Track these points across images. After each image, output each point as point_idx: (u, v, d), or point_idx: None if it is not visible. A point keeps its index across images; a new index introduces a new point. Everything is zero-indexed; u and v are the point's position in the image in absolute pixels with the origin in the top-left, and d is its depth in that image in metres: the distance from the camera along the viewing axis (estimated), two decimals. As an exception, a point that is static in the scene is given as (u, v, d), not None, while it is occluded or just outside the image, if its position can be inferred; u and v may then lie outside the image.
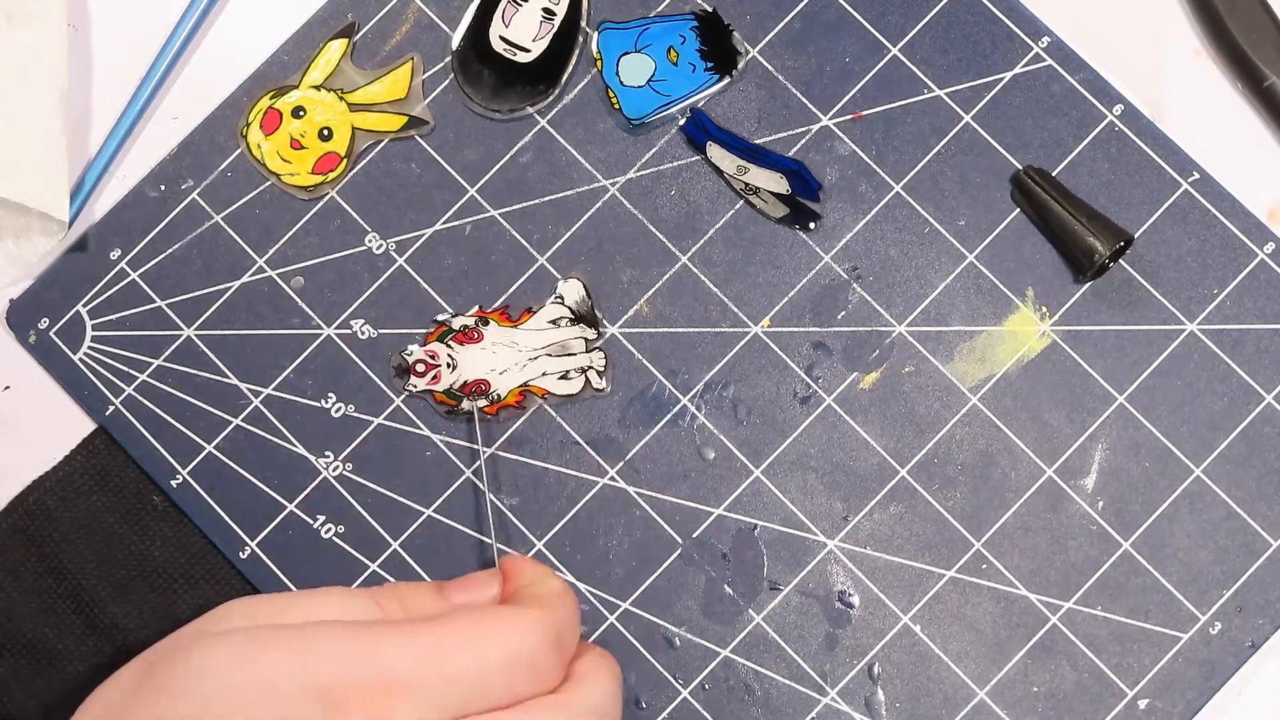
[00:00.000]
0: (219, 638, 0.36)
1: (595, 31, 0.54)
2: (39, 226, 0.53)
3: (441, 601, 0.41)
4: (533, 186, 0.53)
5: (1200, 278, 0.51)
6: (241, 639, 0.36)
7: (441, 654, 0.36)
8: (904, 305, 0.52)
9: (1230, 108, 0.53)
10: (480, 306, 0.52)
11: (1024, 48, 0.53)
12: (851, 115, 0.53)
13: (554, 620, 0.38)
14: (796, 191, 0.52)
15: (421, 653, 0.36)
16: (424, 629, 0.36)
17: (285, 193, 0.54)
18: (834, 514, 0.51)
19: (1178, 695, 0.49)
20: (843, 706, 0.50)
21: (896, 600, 0.50)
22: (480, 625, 0.37)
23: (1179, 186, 0.52)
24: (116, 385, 0.53)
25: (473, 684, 0.36)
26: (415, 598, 0.40)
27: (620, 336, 0.52)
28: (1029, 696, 0.50)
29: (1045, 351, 0.51)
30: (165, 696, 0.35)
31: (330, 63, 0.54)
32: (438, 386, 0.52)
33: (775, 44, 0.54)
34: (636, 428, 0.52)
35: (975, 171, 0.52)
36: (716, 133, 0.53)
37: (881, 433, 0.51)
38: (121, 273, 0.54)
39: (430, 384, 0.52)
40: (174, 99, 0.55)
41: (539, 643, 0.37)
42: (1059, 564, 0.50)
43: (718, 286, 0.52)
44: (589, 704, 0.38)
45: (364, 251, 0.53)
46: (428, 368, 0.52)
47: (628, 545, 0.51)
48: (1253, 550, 0.50)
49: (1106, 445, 0.51)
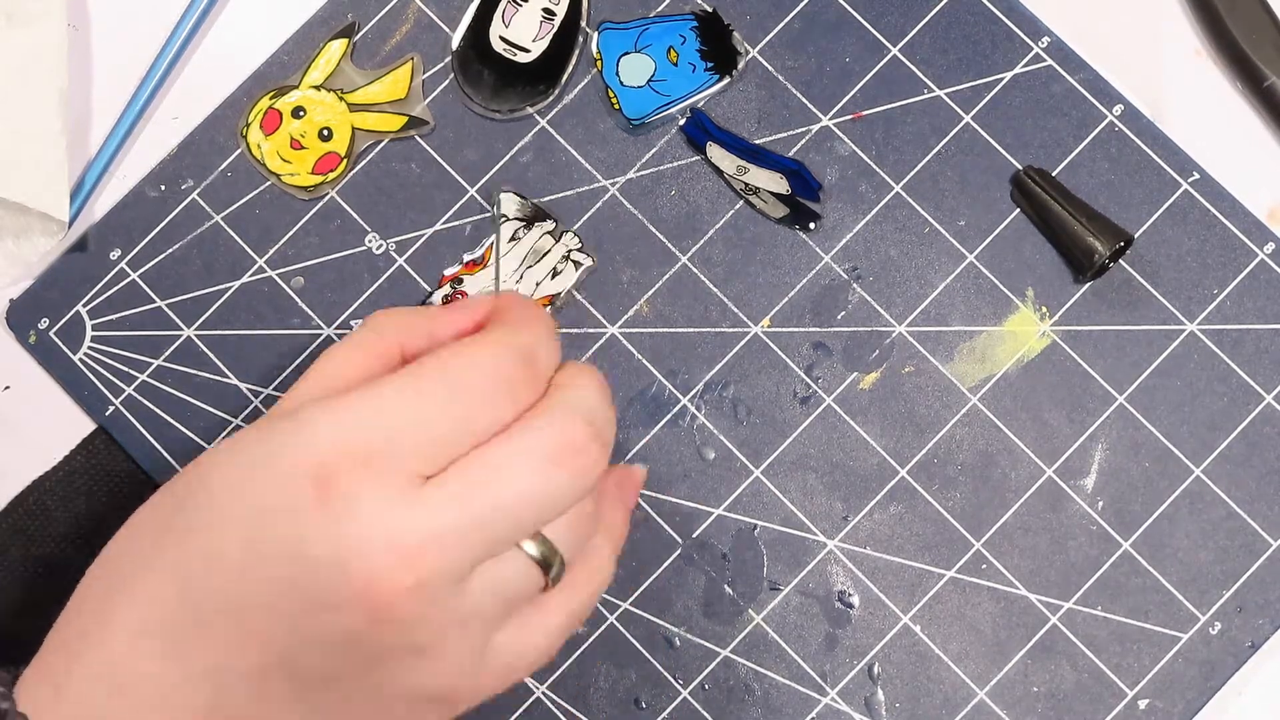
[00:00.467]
0: (224, 441, 0.38)
1: (595, 31, 0.54)
2: (39, 226, 0.53)
3: (430, 332, 0.40)
4: (533, 187, 0.53)
5: (1200, 278, 0.51)
6: (241, 435, 0.37)
7: (418, 406, 0.35)
8: (904, 305, 0.52)
9: (1230, 108, 0.53)
10: (443, 273, 0.53)
11: (1024, 48, 0.53)
12: (851, 115, 0.53)
13: (518, 336, 0.37)
14: (796, 192, 0.52)
15: (396, 413, 0.35)
16: (398, 384, 0.36)
17: (285, 193, 0.54)
18: (834, 514, 0.51)
19: (1178, 695, 0.49)
20: (843, 707, 0.50)
21: (896, 600, 0.50)
22: (447, 365, 0.36)
23: (1179, 186, 0.52)
24: (116, 385, 0.53)
25: (453, 424, 0.35)
26: (409, 334, 0.39)
27: (620, 336, 0.52)
28: (1029, 696, 0.50)
29: (1045, 351, 0.51)
30: (182, 506, 0.36)
31: (330, 63, 0.54)
32: None
33: (775, 44, 0.54)
34: (636, 428, 0.52)
35: (975, 171, 0.52)
36: (716, 133, 0.53)
37: (881, 433, 0.51)
38: (121, 273, 0.54)
39: None
40: (174, 99, 0.55)
41: (508, 360, 0.37)
42: (1059, 564, 0.50)
43: (718, 287, 0.52)
44: (571, 406, 0.36)
45: (364, 252, 0.53)
46: None
47: (628, 545, 0.51)
48: (1253, 550, 0.50)
49: (1106, 445, 0.51)
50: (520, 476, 0.35)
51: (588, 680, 0.50)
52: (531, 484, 0.35)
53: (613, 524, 0.42)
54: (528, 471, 0.35)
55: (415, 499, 0.34)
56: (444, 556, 0.34)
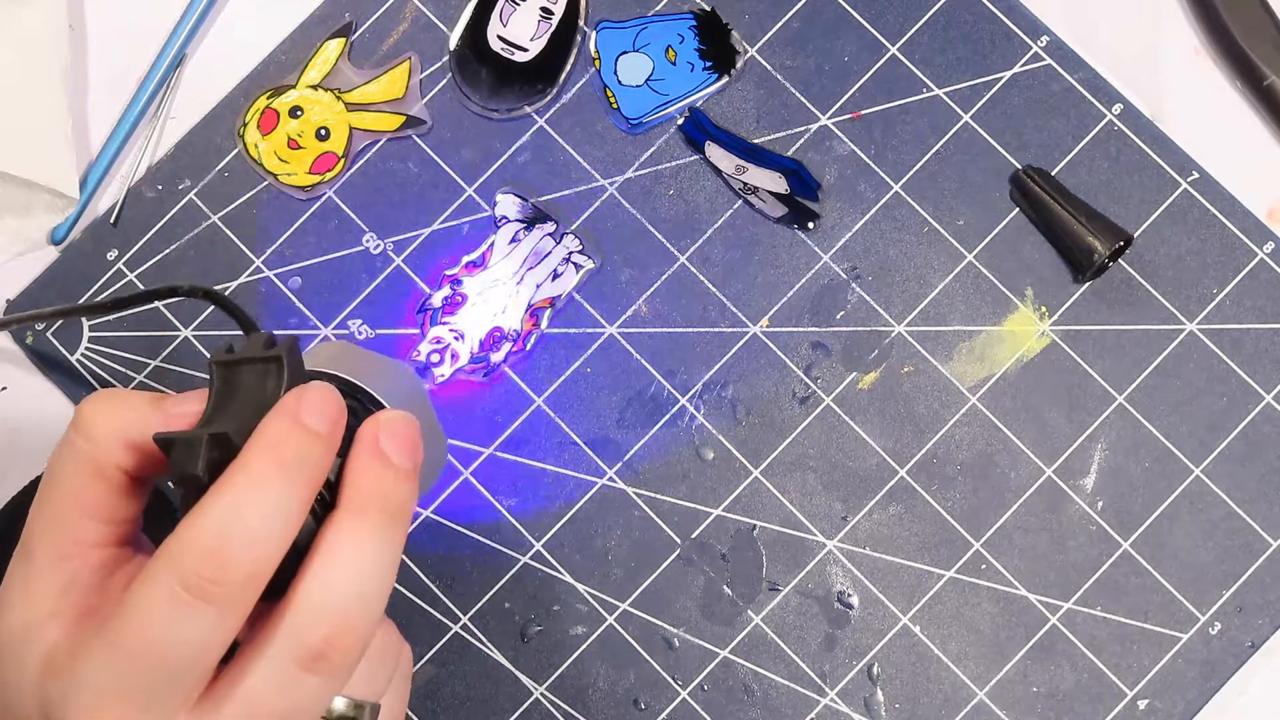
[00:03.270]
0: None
1: (593, 31, 0.54)
2: (44, 203, 0.53)
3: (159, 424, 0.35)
4: (531, 186, 0.53)
5: (1200, 277, 0.51)
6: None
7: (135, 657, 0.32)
8: (903, 305, 0.52)
9: (1230, 107, 0.53)
10: (445, 274, 0.53)
11: (1023, 47, 0.53)
12: (850, 114, 0.53)
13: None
14: (795, 191, 0.52)
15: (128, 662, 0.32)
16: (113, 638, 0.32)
17: (282, 192, 0.54)
18: (833, 514, 0.51)
19: (1178, 695, 0.49)
20: (842, 707, 0.50)
21: (896, 601, 0.50)
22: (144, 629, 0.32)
23: (1178, 186, 0.52)
24: (114, 386, 0.53)
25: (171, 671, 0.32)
26: (128, 433, 0.35)
27: (619, 336, 0.52)
28: (1029, 697, 0.49)
29: (1044, 351, 0.51)
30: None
31: (327, 62, 0.54)
32: (461, 363, 0.52)
33: (774, 43, 0.53)
34: (635, 428, 0.52)
35: (974, 171, 0.52)
36: (715, 132, 0.53)
37: (880, 433, 0.51)
38: (119, 273, 0.53)
39: (454, 365, 0.52)
40: (171, 99, 0.55)
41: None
42: (1059, 564, 0.50)
43: (716, 286, 0.52)
44: (297, 628, 0.32)
45: (361, 251, 0.53)
46: (441, 355, 0.52)
47: (626, 546, 0.51)
48: (1253, 550, 0.50)
49: (1106, 445, 0.51)
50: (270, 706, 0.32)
51: (586, 681, 0.50)
52: (283, 706, 0.32)
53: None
54: (276, 696, 0.32)
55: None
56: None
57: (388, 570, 0.33)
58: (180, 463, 0.32)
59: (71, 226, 0.54)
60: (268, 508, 0.31)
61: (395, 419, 0.34)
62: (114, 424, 0.34)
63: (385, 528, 0.33)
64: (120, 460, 0.34)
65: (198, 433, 0.32)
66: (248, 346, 0.34)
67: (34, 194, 0.53)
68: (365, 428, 0.34)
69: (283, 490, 0.32)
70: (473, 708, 0.50)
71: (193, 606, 0.31)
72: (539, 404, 0.52)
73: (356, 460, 0.34)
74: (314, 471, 0.32)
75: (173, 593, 0.31)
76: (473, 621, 0.51)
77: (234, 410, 0.33)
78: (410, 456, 0.34)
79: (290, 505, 0.32)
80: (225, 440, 0.32)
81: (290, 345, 0.34)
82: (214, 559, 0.31)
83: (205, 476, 0.32)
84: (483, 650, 0.51)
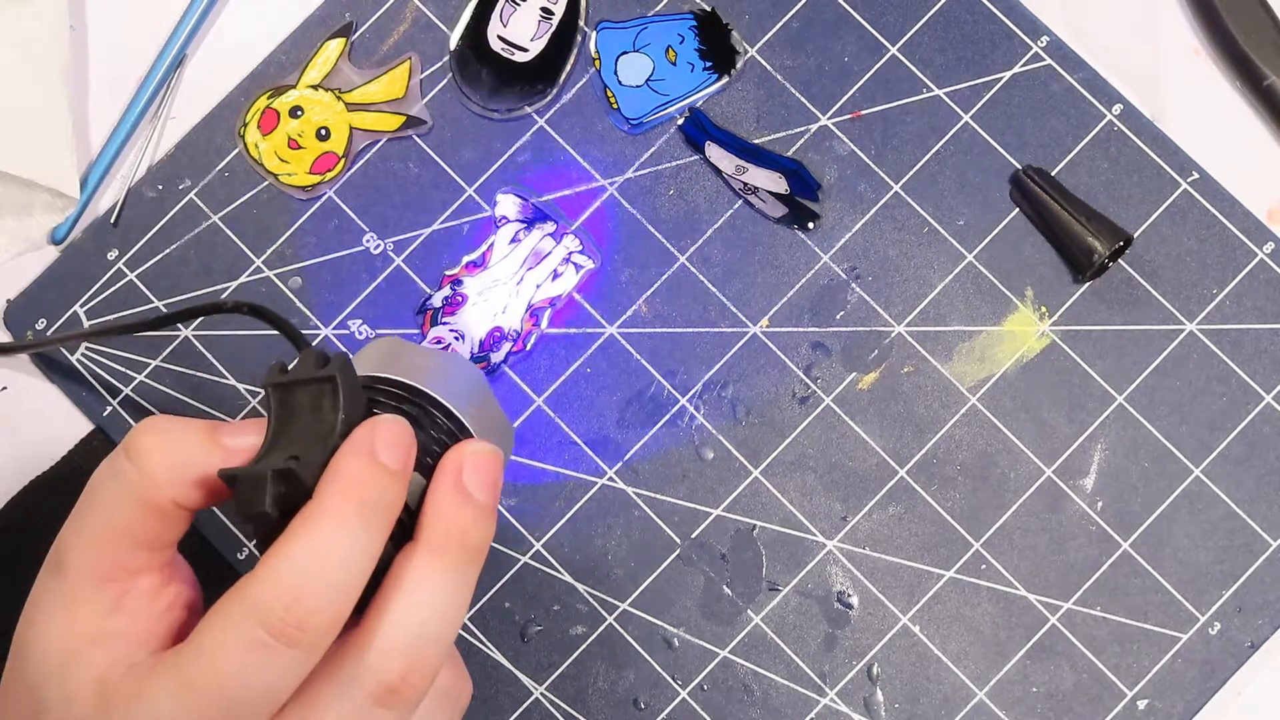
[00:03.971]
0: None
1: (593, 31, 0.54)
2: (44, 203, 0.53)
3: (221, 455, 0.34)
4: (531, 186, 0.53)
5: (1199, 277, 0.51)
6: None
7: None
8: (903, 305, 0.52)
9: (1230, 107, 0.53)
10: (445, 274, 0.53)
11: (1023, 47, 0.53)
12: (850, 115, 0.53)
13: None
14: (795, 191, 0.52)
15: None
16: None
17: (283, 192, 0.54)
18: (833, 514, 0.51)
19: (1177, 696, 0.49)
20: (842, 707, 0.50)
21: (896, 601, 0.50)
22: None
23: (1178, 186, 0.52)
24: (114, 386, 0.53)
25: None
26: (186, 469, 0.34)
27: (619, 336, 0.52)
28: (1028, 697, 0.49)
29: (1044, 351, 0.51)
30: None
31: (328, 62, 0.54)
32: None
33: (774, 43, 0.53)
34: (635, 428, 0.52)
35: (974, 171, 0.52)
36: (715, 132, 0.53)
37: (880, 433, 0.51)
38: (119, 273, 0.53)
39: None
40: (171, 99, 0.55)
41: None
42: (1058, 564, 0.50)
43: (716, 286, 0.52)
44: (366, 664, 0.32)
45: (362, 251, 0.53)
46: None
47: (626, 546, 0.51)
48: (1252, 550, 0.50)
49: (1106, 445, 0.51)
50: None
51: (586, 681, 0.50)
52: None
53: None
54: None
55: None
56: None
57: (462, 608, 0.33)
58: (247, 500, 0.32)
59: (71, 226, 0.54)
60: (349, 550, 0.31)
61: (480, 453, 0.34)
62: (170, 459, 0.34)
63: (463, 566, 0.33)
64: (176, 495, 0.34)
65: (263, 468, 0.32)
66: (299, 365, 0.34)
67: (34, 194, 0.53)
68: (449, 459, 0.34)
69: (363, 532, 0.32)
70: (473, 707, 0.50)
71: (274, 649, 0.31)
72: (539, 404, 0.52)
73: (437, 494, 0.34)
74: (391, 509, 0.32)
75: (254, 636, 0.31)
76: (472, 621, 0.51)
77: (294, 438, 0.33)
78: (492, 493, 0.34)
79: (371, 546, 0.32)
80: (291, 475, 0.32)
81: (343, 363, 0.33)
82: (298, 604, 0.31)
83: (274, 512, 0.32)
84: (482, 650, 0.51)
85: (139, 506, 0.34)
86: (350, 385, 0.33)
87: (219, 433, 0.34)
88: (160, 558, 0.35)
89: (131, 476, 0.34)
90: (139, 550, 0.34)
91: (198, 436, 0.34)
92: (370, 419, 0.33)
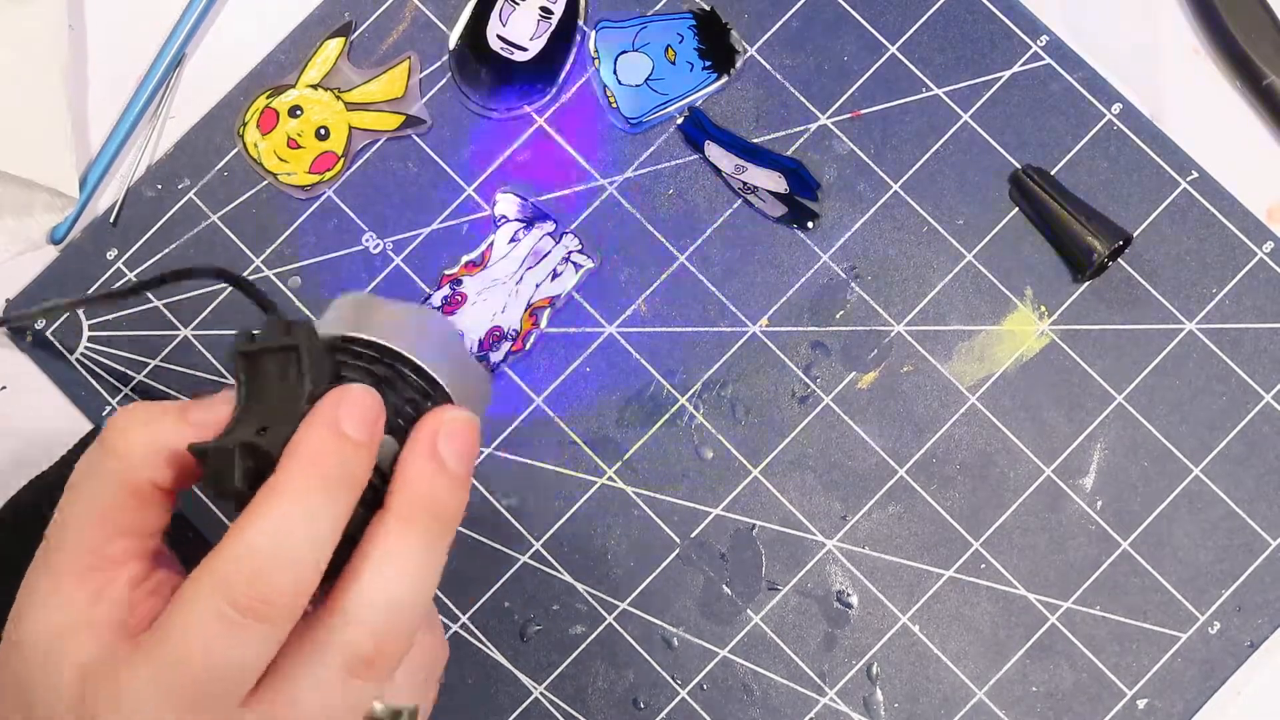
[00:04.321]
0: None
1: (593, 30, 0.54)
2: (44, 203, 0.53)
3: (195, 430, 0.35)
4: (530, 186, 0.53)
5: (1199, 277, 0.51)
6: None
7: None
8: (902, 304, 0.52)
9: (1229, 107, 0.53)
10: (444, 273, 0.53)
11: (1022, 46, 0.53)
12: (850, 114, 0.53)
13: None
14: (794, 190, 0.52)
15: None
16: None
17: (282, 192, 0.54)
18: (832, 514, 0.51)
19: (1177, 695, 0.49)
20: (841, 707, 0.50)
21: (895, 600, 0.50)
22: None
23: (1178, 185, 0.52)
24: (114, 385, 0.53)
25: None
26: (162, 445, 0.34)
27: (618, 336, 0.52)
28: (1028, 696, 0.49)
29: (1044, 351, 0.51)
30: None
31: (327, 61, 0.54)
32: None
33: (773, 42, 0.53)
34: (634, 427, 0.52)
35: (974, 170, 0.52)
36: (714, 131, 0.53)
37: (880, 432, 0.51)
38: (118, 272, 0.53)
39: None
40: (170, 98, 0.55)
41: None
42: (1058, 564, 0.50)
43: (716, 286, 0.52)
44: (345, 640, 0.32)
45: (361, 251, 0.53)
46: None
47: (626, 545, 0.51)
48: (1252, 550, 0.50)
49: (1105, 445, 0.51)
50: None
51: (585, 680, 0.50)
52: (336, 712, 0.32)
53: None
54: (323, 702, 0.32)
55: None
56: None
57: (434, 576, 0.33)
58: (216, 474, 0.32)
59: (71, 226, 0.54)
60: (312, 523, 0.31)
61: (456, 420, 0.34)
62: (145, 440, 0.34)
63: (435, 534, 0.33)
64: (152, 475, 0.34)
65: (230, 442, 0.32)
66: (265, 331, 0.34)
67: (34, 194, 0.53)
68: (424, 426, 0.34)
69: (325, 506, 0.32)
70: (472, 707, 0.50)
71: (241, 625, 0.31)
72: (538, 403, 0.52)
73: (410, 461, 0.33)
74: (356, 480, 0.32)
75: (220, 612, 0.31)
76: (472, 620, 0.51)
77: (263, 408, 0.33)
78: (467, 462, 0.34)
79: (335, 517, 0.32)
80: (258, 449, 0.32)
81: (307, 330, 0.33)
82: (262, 578, 0.31)
83: (244, 486, 0.32)
84: (482, 649, 0.51)
85: (118, 490, 0.34)
86: (315, 353, 0.33)
87: (190, 409, 0.34)
88: (144, 546, 0.35)
89: (108, 462, 0.34)
90: (121, 538, 0.34)
91: (171, 414, 0.34)
92: (336, 389, 0.33)
